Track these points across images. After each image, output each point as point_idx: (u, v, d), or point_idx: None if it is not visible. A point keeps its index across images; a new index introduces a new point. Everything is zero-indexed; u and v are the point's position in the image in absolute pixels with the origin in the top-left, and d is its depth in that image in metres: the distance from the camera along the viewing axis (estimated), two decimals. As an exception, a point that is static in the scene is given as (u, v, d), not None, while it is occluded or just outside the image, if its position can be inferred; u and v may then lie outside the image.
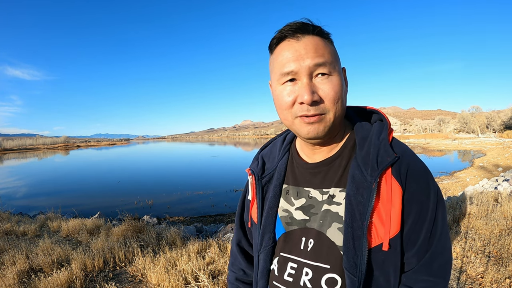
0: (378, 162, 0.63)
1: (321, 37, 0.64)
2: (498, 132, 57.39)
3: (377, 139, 0.66)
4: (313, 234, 0.69)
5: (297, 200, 0.73)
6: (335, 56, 0.65)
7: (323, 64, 0.61)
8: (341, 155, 0.70)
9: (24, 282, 3.11)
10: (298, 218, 0.72)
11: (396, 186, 0.62)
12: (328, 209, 0.68)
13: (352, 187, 0.64)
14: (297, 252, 0.70)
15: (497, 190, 6.37)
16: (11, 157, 58.51)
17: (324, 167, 0.71)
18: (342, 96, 0.64)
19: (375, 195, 0.61)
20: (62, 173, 23.98)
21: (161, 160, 33.10)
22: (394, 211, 0.61)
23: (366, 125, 0.71)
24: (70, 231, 5.25)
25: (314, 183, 0.72)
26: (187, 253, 3.63)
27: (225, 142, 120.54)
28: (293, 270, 0.70)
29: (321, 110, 0.62)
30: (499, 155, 21.17)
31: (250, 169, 0.84)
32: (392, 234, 0.61)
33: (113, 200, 11.83)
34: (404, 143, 0.68)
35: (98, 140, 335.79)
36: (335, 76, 0.63)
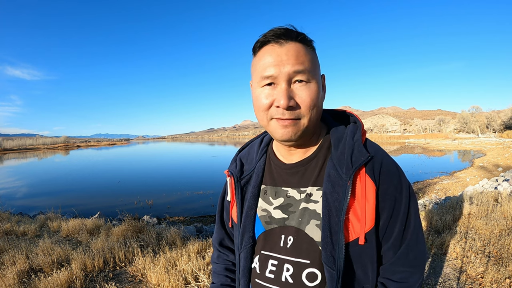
0: (353, 161, 0.67)
1: (304, 44, 0.66)
2: (498, 132, 57.38)
3: (351, 140, 0.71)
4: (292, 232, 0.72)
5: (276, 200, 0.76)
6: (315, 63, 0.68)
7: (302, 72, 0.64)
8: (317, 155, 0.74)
9: (24, 282, 3.11)
10: (277, 217, 0.75)
11: (370, 183, 0.66)
12: (306, 207, 0.71)
13: (328, 185, 0.68)
14: (277, 249, 0.74)
15: (497, 190, 6.36)
16: (11, 157, 58.51)
17: (301, 167, 0.75)
18: (318, 103, 0.68)
19: (350, 192, 0.65)
20: (62, 173, 23.97)
21: (161, 160, 33.09)
22: (369, 207, 0.65)
23: (341, 127, 0.76)
24: (70, 231, 5.24)
25: (292, 183, 0.75)
26: (187, 253, 3.63)
27: (225, 142, 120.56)
28: (274, 267, 0.73)
29: (296, 115, 0.66)
30: (499, 155, 21.16)
31: (228, 170, 0.86)
32: (368, 229, 0.65)
33: (113, 200, 11.82)
34: (376, 144, 0.73)
35: (98, 140, 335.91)
36: (313, 83, 0.66)
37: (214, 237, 0.98)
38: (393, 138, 72.14)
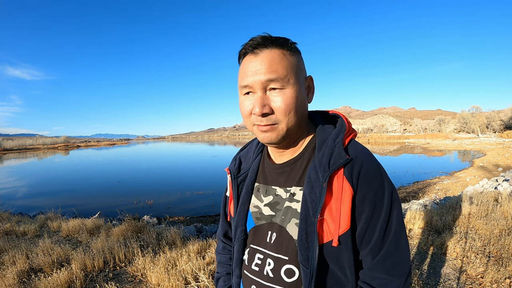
0: (330, 163, 0.67)
1: (281, 50, 0.69)
2: (498, 132, 57.39)
3: (332, 142, 0.71)
4: (276, 228, 0.76)
5: (266, 197, 0.81)
6: (293, 68, 0.69)
7: (275, 79, 0.67)
8: (303, 157, 0.77)
9: (24, 282, 3.11)
10: (266, 213, 0.80)
11: (347, 186, 0.66)
12: (289, 206, 0.75)
13: (307, 186, 0.70)
14: (263, 244, 0.78)
15: (497, 190, 6.36)
16: (11, 157, 58.50)
17: (287, 168, 0.78)
18: (296, 107, 0.69)
19: (325, 193, 0.66)
20: (62, 173, 23.97)
21: (161, 160, 33.09)
22: (344, 210, 0.66)
23: (328, 129, 0.77)
24: (70, 231, 5.24)
25: (280, 182, 0.79)
26: (187, 253, 3.63)
27: (225, 142, 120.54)
28: (259, 261, 0.78)
29: (272, 121, 0.69)
30: (499, 155, 21.17)
31: (228, 168, 0.92)
32: (342, 231, 0.66)
33: (113, 200, 11.82)
34: (362, 146, 0.72)
35: (98, 140, 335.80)
36: (288, 89, 0.68)
37: (219, 230, 1.04)
38: (393, 138, 72.15)
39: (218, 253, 1.03)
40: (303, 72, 0.73)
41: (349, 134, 0.73)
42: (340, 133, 0.73)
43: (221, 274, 0.98)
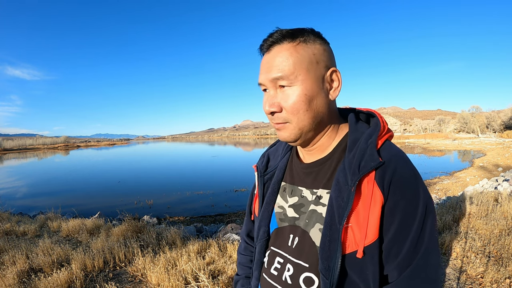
0: (361, 166, 0.62)
1: (292, 43, 0.65)
2: (498, 132, 57.38)
3: (365, 143, 0.65)
4: (299, 232, 0.72)
5: (291, 198, 0.77)
6: (303, 63, 0.64)
7: (280, 77, 0.64)
8: (332, 157, 0.72)
9: (24, 282, 3.11)
10: (289, 215, 0.76)
11: (377, 192, 0.60)
12: (315, 209, 0.70)
13: (335, 190, 0.65)
14: (285, 248, 0.74)
15: (497, 190, 6.37)
16: (11, 157, 58.49)
17: (315, 168, 0.74)
18: (306, 106, 0.65)
19: (353, 199, 0.60)
20: (62, 173, 23.97)
21: (161, 160, 33.09)
22: (372, 219, 0.60)
23: (362, 128, 0.71)
24: (70, 231, 5.24)
25: (307, 183, 0.74)
26: (187, 253, 3.63)
27: (225, 142, 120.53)
28: (279, 265, 0.74)
29: (282, 119, 0.67)
30: (499, 155, 21.17)
31: (256, 165, 0.90)
32: (368, 242, 0.60)
33: (113, 200, 11.82)
34: (398, 148, 0.66)
35: (98, 140, 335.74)
36: (296, 86, 0.64)
37: (243, 229, 1.00)
38: (393, 138, 72.00)
39: (239, 253, 1.00)
40: (320, 65, 0.66)
41: (384, 134, 0.67)
42: (374, 133, 0.67)
43: (240, 277, 0.95)
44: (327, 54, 0.67)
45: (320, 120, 0.69)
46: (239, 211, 9.57)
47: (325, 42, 0.68)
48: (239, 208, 9.94)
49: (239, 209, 9.81)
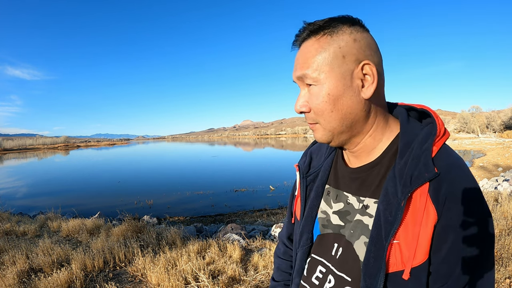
0: (413, 177, 0.54)
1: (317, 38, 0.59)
2: (498, 132, 57.39)
3: (419, 149, 0.57)
4: (343, 242, 0.66)
5: (336, 204, 0.71)
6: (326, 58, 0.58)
7: (304, 75, 0.60)
8: (381, 162, 0.64)
9: (24, 282, 3.11)
10: (334, 222, 0.70)
11: (430, 208, 0.53)
12: (361, 219, 0.64)
13: (383, 201, 0.58)
14: (328, 257, 0.69)
15: (497, 190, 6.37)
16: (11, 157, 58.49)
17: (362, 173, 0.66)
18: (331, 107, 0.59)
19: (402, 214, 0.54)
20: (62, 173, 23.98)
21: (161, 160, 33.10)
22: (423, 237, 0.53)
23: (415, 129, 0.61)
24: (70, 231, 5.25)
25: (352, 189, 0.68)
26: (187, 253, 3.63)
27: (225, 142, 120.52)
28: (321, 274, 0.69)
29: (312, 119, 0.63)
30: (499, 155, 21.17)
31: (298, 164, 0.83)
32: (417, 263, 0.54)
33: (113, 200, 11.83)
34: (456, 156, 0.58)
35: (98, 140, 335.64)
36: (319, 86, 0.59)
37: (283, 231, 0.93)
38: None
39: (278, 257, 0.93)
40: (347, 59, 0.58)
41: (440, 138, 0.58)
42: (430, 137, 0.58)
43: (278, 283, 0.90)
44: (358, 45, 0.58)
45: (353, 121, 0.61)
46: (239, 211, 9.58)
47: (358, 31, 0.59)
48: (239, 208, 9.95)
49: (239, 209, 9.82)
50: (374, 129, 0.64)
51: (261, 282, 2.95)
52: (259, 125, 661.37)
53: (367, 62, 0.58)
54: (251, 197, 11.67)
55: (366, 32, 0.60)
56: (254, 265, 3.40)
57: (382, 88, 0.63)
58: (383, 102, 0.64)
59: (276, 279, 0.91)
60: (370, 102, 0.61)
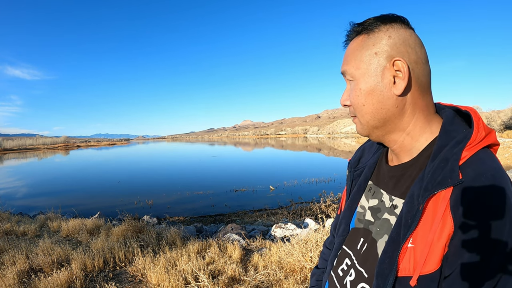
0: (436, 181, 0.53)
1: (359, 35, 0.63)
2: (498, 132, 57.38)
3: (450, 152, 0.54)
4: (369, 238, 0.68)
5: (372, 200, 0.72)
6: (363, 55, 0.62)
7: (344, 72, 0.66)
8: (415, 163, 0.63)
9: (24, 282, 3.11)
10: (366, 218, 0.72)
11: (448, 217, 0.50)
12: (388, 218, 0.64)
13: (407, 203, 0.57)
14: (354, 250, 0.71)
15: (497, 190, 6.36)
16: (11, 157, 58.49)
17: (398, 172, 0.66)
18: (364, 101, 0.62)
19: (419, 218, 0.53)
20: (62, 173, 23.98)
21: (161, 160, 33.10)
22: (437, 246, 0.51)
23: (455, 132, 0.58)
24: (70, 231, 5.25)
25: (388, 187, 0.68)
26: (187, 253, 3.63)
27: (225, 142, 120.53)
28: (346, 266, 0.71)
29: (352, 113, 0.68)
30: (499, 155, 21.18)
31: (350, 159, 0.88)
32: (426, 271, 0.52)
33: (113, 200, 11.83)
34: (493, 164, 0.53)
35: (98, 140, 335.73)
36: (356, 81, 0.63)
37: (333, 222, 0.95)
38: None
39: (324, 246, 0.97)
40: (379, 56, 0.59)
41: (476, 143, 0.54)
42: (463, 140, 0.54)
43: (319, 270, 0.94)
44: (392, 42, 0.59)
45: (385, 117, 0.62)
46: (239, 211, 9.57)
47: (395, 28, 0.59)
48: (239, 208, 9.95)
49: (239, 209, 9.82)
50: (412, 128, 0.62)
51: (261, 282, 2.95)
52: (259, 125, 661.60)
53: (398, 59, 0.58)
54: (251, 197, 11.67)
55: (406, 29, 0.60)
56: (254, 265, 3.40)
57: (423, 86, 0.61)
58: (425, 101, 0.62)
59: (319, 266, 0.95)
60: (405, 99, 0.60)
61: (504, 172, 0.53)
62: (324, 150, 41.88)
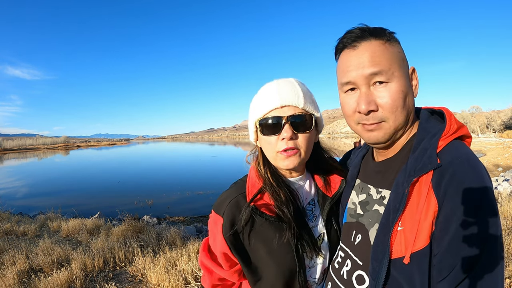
0: (417, 167, 0.58)
1: (381, 41, 0.64)
2: (498, 132, 57.41)
3: (427, 143, 0.61)
4: (361, 230, 0.72)
5: (361, 195, 0.77)
6: (396, 59, 0.64)
7: (379, 73, 0.62)
8: (399, 157, 0.69)
9: (24, 282, 3.11)
10: (358, 212, 0.76)
11: (432, 197, 0.55)
12: (377, 209, 0.69)
13: (394, 191, 0.62)
14: (348, 243, 0.76)
15: (497, 190, 6.37)
16: (11, 157, 58.49)
17: (383, 167, 0.72)
18: (403, 103, 0.63)
19: (405, 201, 0.57)
20: (62, 173, 23.98)
21: (161, 160, 33.10)
22: (424, 225, 0.55)
23: (431, 128, 0.65)
24: (70, 231, 5.25)
25: (374, 181, 0.74)
26: (187, 253, 3.63)
27: (225, 142, 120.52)
28: (340, 259, 0.76)
29: (379, 119, 0.64)
30: (499, 155, 21.17)
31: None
32: (417, 248, 0.56)
33: (113, 200, 11.82)
34: (466, 150, 0.59)
35: (98, 140, 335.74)
36: (393, 82, 0.62)
37: None
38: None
39: None
40: (405, 63, 0.66)
41: (450, 134, 0.61)
42: (438, 132, 0.62)
43: None
44: (404, 52, 0.67)
45: (409, 118, 0.67)
46: (239, 211, 9.57)
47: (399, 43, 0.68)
48: (239, 208, 9.95)
49: (239, 209, 9.82)
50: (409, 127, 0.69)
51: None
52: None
53: (413, 67, 0.68)
54: (251, 197, 11.67)
55: None
56: (254, 265, 3.40)
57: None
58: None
59: None
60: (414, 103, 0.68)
61: (475, 156, 0.59)
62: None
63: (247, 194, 0.80)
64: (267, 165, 0.83)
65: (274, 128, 0.75)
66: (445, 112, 0.65)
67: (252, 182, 0.83)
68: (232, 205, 0.79)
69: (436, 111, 0.71)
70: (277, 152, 0.77)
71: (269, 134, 0.77)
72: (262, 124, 0.77)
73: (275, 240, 0.77)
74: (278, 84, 0.78)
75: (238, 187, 0.85)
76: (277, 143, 0.76)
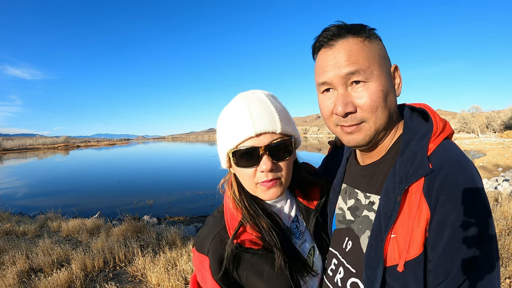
0: (409, 174, 0.56)
1: (359, 38, 0.60)
2: (498, 132, 57.38)
3: (416, 146, 0.59)
4: (352, 236, 0.70)
5: (349, 200, 0.74)
6: (376, 57, 0.61)
7: (356, 72, 0.59)
8: (385, 160, 0.66)
9: (24, 282, 3.11)
10: (347, 217, 0.74)
11: (423, 204, 0.54)
12: (367, 215, 0.67)
13: (384, 197, 0.60)
14: (340, 250, 0.74)
15: (497, 190, 6.37)
16: (11, 157, 58.49)
17: (370, 170, 0.69)
18: (383, 103, 0.60)
19: (398, 209, 0.55)
20: (62, 173, 23.98)
21: (161, 160, 33.10)
22: (417, 232, 0.54)
23: (416, 127, 0.63)
24: (70, 231, 5.25)
25: (361, 186, 0.71)
26: (187, 253, 3.63)
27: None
28: (334, 266, 0.74)
29: (358, 120, 0.61)
30: (499, 155, 21.16)
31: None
32: (411, 256, 0.54)
33: (113, 200, 11.82)
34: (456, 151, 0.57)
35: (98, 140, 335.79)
36: (372, 82, 0.59)
37: None
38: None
39: None
40: (387, 61, 0.63)
41: (438, 135, 0.59)
42: (426, 134, 0.59)
43: None
44: (385, 50, 0.64)
45: (391, 119, 0.64)
46: (239, 211, 9.57)
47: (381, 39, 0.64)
48: (239, 208, 9.94)
49: (239, 209, 9.81)
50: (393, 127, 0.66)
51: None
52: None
53: (395, 65, 0.64)
54: (251, 197, 11.67)
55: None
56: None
57: None
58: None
59: None
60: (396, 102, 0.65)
61: (466, 155, 0.57)
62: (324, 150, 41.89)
63: (228, 230, 0.73)
64: (243, 193, 0.76)
65: (250, 160, 0.68)
66: (428, 110, 0.64)
67: (230, 214, 0.76)
68: (217, 243, 0.73)
69: (417, 108, 0.68)
70: (257, 184, 0.70)
71: (245, 166, 0.69)
72: (235, 156, 0.69)
73: (267, 271, 0.72)
74: (248, 106, 0.68)
75: (216, 222, 0.78)
76: (256, 174, 0.69)
